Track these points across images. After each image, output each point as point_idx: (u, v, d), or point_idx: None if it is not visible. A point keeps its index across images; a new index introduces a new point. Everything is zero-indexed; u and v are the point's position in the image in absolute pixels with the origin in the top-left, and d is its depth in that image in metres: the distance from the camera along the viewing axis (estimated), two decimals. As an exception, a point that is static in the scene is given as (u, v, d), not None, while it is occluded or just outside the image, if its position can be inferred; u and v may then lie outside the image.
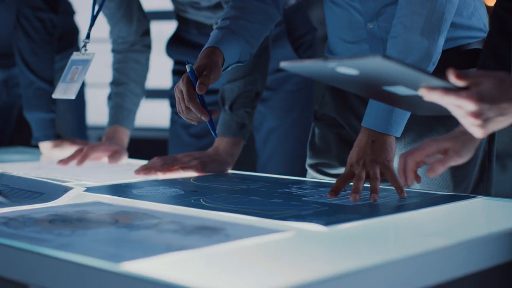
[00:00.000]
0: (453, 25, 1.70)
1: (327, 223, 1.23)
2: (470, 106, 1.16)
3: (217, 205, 1.42)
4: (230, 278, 0.97)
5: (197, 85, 1.60)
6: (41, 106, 2.32)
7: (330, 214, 1.32)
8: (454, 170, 1.73)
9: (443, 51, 1.70)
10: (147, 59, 2.39)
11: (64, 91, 2.06)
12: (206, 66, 1.63)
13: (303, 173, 1.92)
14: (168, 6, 2.46)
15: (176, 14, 2.40)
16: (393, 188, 1.53)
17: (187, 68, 1.61)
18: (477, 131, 1.19)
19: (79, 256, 1.03)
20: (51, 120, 2.32)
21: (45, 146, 2.32)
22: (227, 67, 1.72)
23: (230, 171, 1.94)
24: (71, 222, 1.25)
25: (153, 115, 4.23)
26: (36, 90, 2.33)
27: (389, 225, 1.28)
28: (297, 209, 1.37)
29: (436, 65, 1.59)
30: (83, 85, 2.75)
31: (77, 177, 1.80)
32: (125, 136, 2.28)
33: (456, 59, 1.73)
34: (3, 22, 2.52)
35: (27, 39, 2.36)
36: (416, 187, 1.76)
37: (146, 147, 3.21)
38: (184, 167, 1.85)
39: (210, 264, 1.03)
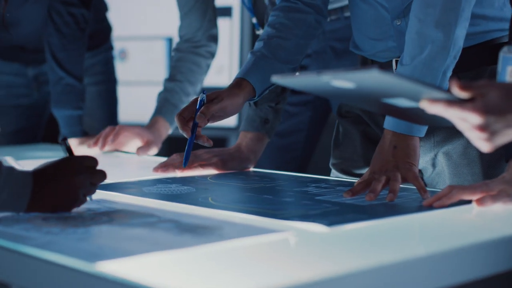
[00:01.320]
0: (485, 18, 1.62)
1: (330, 223, 1.16)
2: (475, 119, 1.08)
3: (223, 204, 1.36)
4: (209, 280, 0.90)
5: (197, 113, 1.61)
6: (69, 102, 2.29)
7: (338, 214, 1.25)
8: (486, 171, 1.64)
9: (474, 46, 1.61)
10: (208, 65, 2.34)
11: None
12: (219, 95, 1.64)
13: None
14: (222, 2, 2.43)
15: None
16: (414, 187, 1.45)
17: (200, 96, 1.63)
18: (484, 145, 1.11)
19: (57, 255, 0.98)
20: (78, 117, 2.29)
21: (72, 143, 2.29)
22: (264, 90, 1.70)
23: (252, 169, 1.88)
24: (65, 219, 1.21)
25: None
26: (65, 86, 2.30)
27: (397, 226, 1.20)
28: (305, 209, 1.30)
29: (457, 59, 1.50)
30: (115, 83, 2.72)
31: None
32: (164, 128, 2.24)
33: (487, 54, 1.64)
34: (33, 17, 2.50)
35: (58, 34, 2.33)
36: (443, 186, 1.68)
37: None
38: (203, 165, 1.80)
39: (192, 264, 0.97)
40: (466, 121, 1.09)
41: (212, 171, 1.80)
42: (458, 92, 1.07)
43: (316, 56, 2.31)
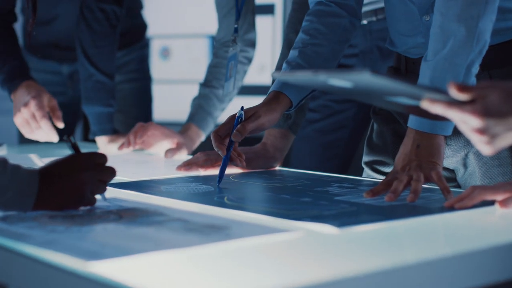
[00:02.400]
0: (519, 12, 1.56)
1: (341, 224, 1.12)
2: (475, 121, 1.04)
3: (238, 203, 1.33)
4: (209, 280, 0.88)
5: (234, 131, 1.57)
6: (99, 99, 2.28)
7: (353, 215, 1.21)
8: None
9: (506, 42, 1.56)
10: (245, 71, 2.29)
11: (227, 89, 2.10)
12: (257, 112, 1.60)
13: None
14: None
15: None
16: (438, 188, 1.40)
17: (237, 113, 1.60)
18: (485, 148, 1.07)
19: (55, 254, 0.96)
20: (109, 114, 2.27)
21: (102, 141, 2.28)
22: (301, 101, 1.66)
23: (278, 167, 1.84)
24: (72, 217, 1.19)
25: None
26: (95, 83, 2.29)
27: (415, 228, 1.16)
28: (321, 209, 1.26)
29: (483, 54, 1.44)
30: (149, 81, 2.71)
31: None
32: (195, 135, 2.20)
33: None
34: (68, 15, 2.50)
35: (89, 31, 2.32)
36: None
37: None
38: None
39: (195, 264, 0.94)
40: (466, 123, 1.05)
41: (236, 170, 1.76)
42: (457, 94, 1.03)
43: (362, 56, 2.27)
